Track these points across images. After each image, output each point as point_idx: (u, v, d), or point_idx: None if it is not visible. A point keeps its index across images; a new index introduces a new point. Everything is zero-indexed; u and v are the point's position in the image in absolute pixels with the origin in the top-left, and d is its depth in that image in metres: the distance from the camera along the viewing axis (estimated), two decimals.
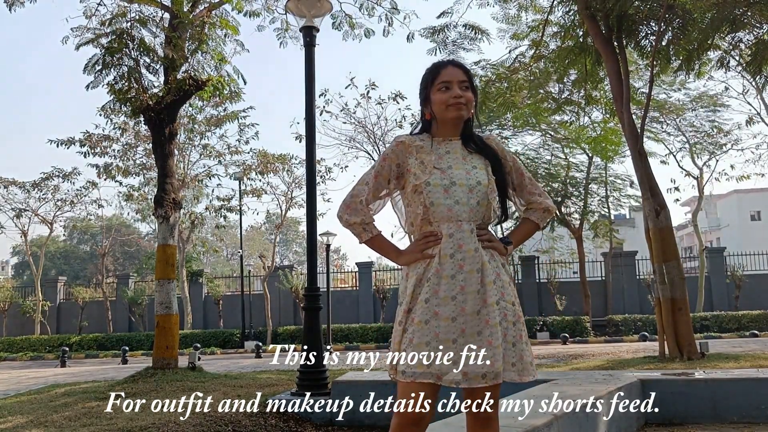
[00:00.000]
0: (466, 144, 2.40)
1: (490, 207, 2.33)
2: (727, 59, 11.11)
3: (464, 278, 2.24)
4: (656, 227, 9.31)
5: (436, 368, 2.16)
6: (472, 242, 2.27)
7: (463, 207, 2.29)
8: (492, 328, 2.20)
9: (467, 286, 2.23)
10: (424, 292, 2.25)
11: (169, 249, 8.88)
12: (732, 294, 23.19)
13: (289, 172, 23.43)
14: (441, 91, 2.35)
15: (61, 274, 45.50)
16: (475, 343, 2.19)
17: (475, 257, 2.26)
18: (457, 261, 2.25)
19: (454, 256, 2.26)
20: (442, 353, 2.18)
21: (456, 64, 2.43)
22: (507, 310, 2.26)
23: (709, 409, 5.01)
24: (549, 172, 23.12)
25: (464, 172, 2.32)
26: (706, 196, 24.90)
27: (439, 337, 2.19)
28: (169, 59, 8.80)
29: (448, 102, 2.34)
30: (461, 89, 2.34)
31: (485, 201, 2.31)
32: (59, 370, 15.89)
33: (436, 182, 2.29)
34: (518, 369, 2.26)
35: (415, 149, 2.38)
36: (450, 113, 2.35)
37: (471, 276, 2.24)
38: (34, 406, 6.46)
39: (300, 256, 65.41)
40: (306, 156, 6.84)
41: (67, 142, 21.20)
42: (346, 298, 25.80)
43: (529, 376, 2.28)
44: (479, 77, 13.09)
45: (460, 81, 2.35)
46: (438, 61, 2.48)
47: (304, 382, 6.10)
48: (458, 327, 2.20)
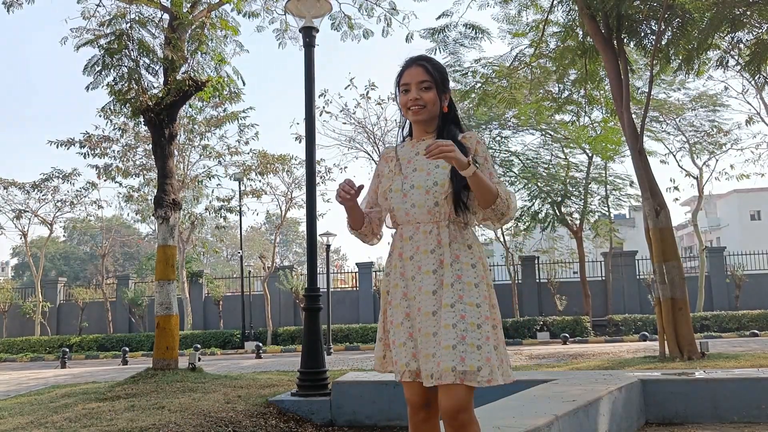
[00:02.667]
0: None
1: (452, 206, 2.30)
2: (726, 59, 11.12)
3: (421, 279, 2.29)
4: (656, 227, 9.31)
5: (414, 366, 2.26)
6: (429, 244, 2.30)
7: (420, 209, 2.31)
8: (444, 330, 2.19)
9: (423, 287, 2.28)
10: (394, 295, 2.36)
11: (169, 250, 8.87)
12: (732, 294, 23.21)
13: (289, 172, 23.45)
14: (402, 94, 2.39)
15: (61, 275, 45.50)
16: (429, 344, 2.22)
17: (430, 258, 2.29)
18: (416, 263, 2.31)
19: (413, 258, 2.32)
20: (405, 352, 2.28)
21: (419, 63, 2.39)
22: (466, 312, 2.21)
23: (709, 408, 5.01)
24: (549, 172, 23.13)
25: (425, 173, 2.33)
26: (706, 195, 24.90)
27: (412, 336, 2.28)
28: (169, 60, 8.79)
29: (407, 105, 2.37)
30: (420, 90, 2.34)
31: (444, 201, 2.30)
32: (59, 371, 15.88)
33: (397, 188, 2.36)
34: (485, 372, 2.15)
35: (389, 159, 2.47)
36: (409, 116, 2.40)
37: (427, 277, 2.28)
38: (35, 407, 6.46)
39: (300, 256, 65.42)
40: (306, 156, 6.83)
41: (66, 143, 21.22)
42: (346, 299, 25.80)
43: (498, 380, 2.18)
44: (479, 75, 13.09)
45: (419, 82, 2.35)
46: (405, 60, 2.44)
47: (304, 382, 6.09)
48: (416, 327, 2.27)
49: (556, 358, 11.98)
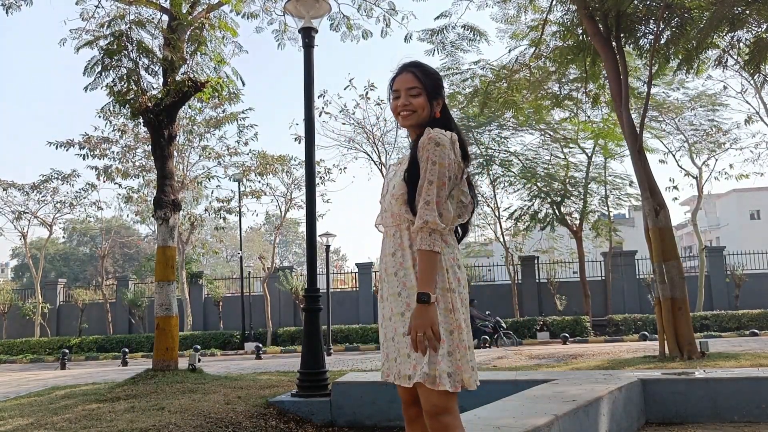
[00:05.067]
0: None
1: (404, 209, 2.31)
2: (725, 58, 11.12)
3: (387, 280, 2.37)
4: (656, 227, 9.31)
5: (386, 367, 2.38)
6: (390, 246, 2.37)
7: (386, 213, 2.41)
8: (398, 336, 2.28)
9: (389, 289, 2.36)
10: (379, 297, 2.48)
11: (168, 251, 8.87)
12: (732, 293, 23.22)
13: (289, 173, 23.44)
14: (394, 100, 2.44)
15: (60, 276, 45.49)
16: (389, 347, 2.34)
17: (390, 261, 2.36)
18: (383, 265, 2.42)
19: (383, 260, 2.43)
20: (383, 352, 2.41)
21: (409, 69, 2.42)
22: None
23: (709, 408, 5.00)
24: (548, 172, 23.14)
25: (396, 178, 2.41)
26: (705, 195, 24.91)
27: (385, 336, 2.39)
28: (168, 61, 8.80)
29: (396, 111, 2.44)
30: (409, 96, 2.39)
31: (398, 206, 2.33)
32: (59, 372, 15.87)
33: (382, 193, 2.49)
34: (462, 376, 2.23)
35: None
36: (399, 121, 2.46)
37: (390, 279, 2.36)
38: (35, 409, 6.45)
39: (300, 257, 65.43)
40: (305, 157, 6.83)
41: (66, 145, 21.20)
42: (346, 299, 25.78)
43: (447, 385, 2.17)
44: (479, 77, 13.10)
45: (408, 88, 2.39)
46: (399, 65, 2.48)
47: (304, 383, 6.09)
48: (392, 327, 2.34)
49: (556, 358, 11.98)
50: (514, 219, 23.79)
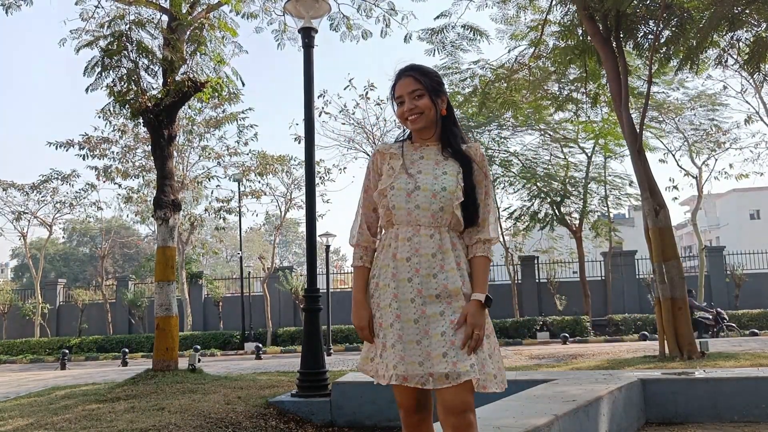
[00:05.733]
0: (444, 148, 2.41)
1: (455, 214, 2.32)
2: (725, 57, 11.12)
3: (420, 282, 2.26)
4: (656, 226, 9.31)
5: (401, 370, 2.19)
6: (430, 247, 2.29)
7: (424, 212, 2.30)
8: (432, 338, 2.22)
9: (424, 290, 2.26)
10: (383, 297, 2.31)
11: (168, 251, 8.87)
12: (732, 293, 23.22)
13: (288, 173, 23.45)
14: (397, 106, 2.42)
15: (60, 276, 45.45)
16: (439, 344, 2.20)
17: (431, 262, 2.28)
18: (414, 265, 2.28)
19: (411, 260, 2.29)
20: (394, 354, 2.22)
21: (407, 74, 2.41)
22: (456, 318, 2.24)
23: (709, 408, 5.00)
24: (548, 172, 23.13)
25: (432, 177, 2.34)
26: (705, 195, 24.89)
27: (402, 338, 2.23)
28: (168, 61, 8.80)
29: (403, 116, 2.40)
30: (413, 99, 2.37)
31: (449, 208, 2.30)
32: (59, 372, 15.88)
33: (400, 186, 2.33)
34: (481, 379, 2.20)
35: (389, 156, 2.44)
36: (408, 126, 2.42)
37: (427, 280, 2.26)
38: (35, 409, 6.45)
39: (299, 257, 65.43)
40: (305, 157, 6.84)
41: (66, 145, 21.20)
42: (346, 299, 25.75)
43: (493, 387, 2.21)
44: (479, 77, 13.09)
45: (411, 92, 2.37)
46: (397, 71, 2.45)
47: (304, 383, 6.09)
48: (421, 329, 2.23)
49: (556, 358, 11.98)
50: (514, 219, 23.79)
